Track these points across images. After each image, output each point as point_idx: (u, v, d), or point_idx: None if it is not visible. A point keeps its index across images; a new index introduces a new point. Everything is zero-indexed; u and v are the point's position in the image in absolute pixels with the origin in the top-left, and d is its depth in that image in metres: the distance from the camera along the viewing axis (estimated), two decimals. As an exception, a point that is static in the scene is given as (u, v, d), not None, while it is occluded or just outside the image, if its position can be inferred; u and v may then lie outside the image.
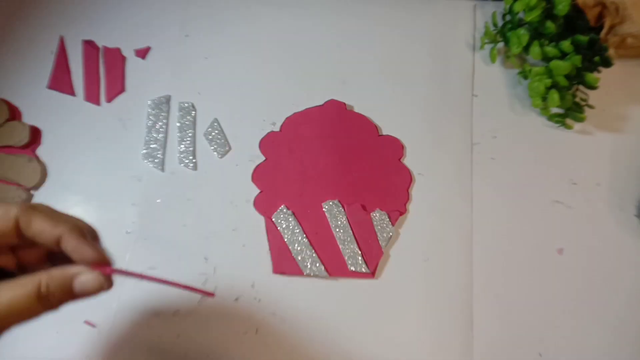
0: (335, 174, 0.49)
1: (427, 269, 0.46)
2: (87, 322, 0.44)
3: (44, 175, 0.49)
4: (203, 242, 0.47)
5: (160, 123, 0.51)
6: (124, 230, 0.47)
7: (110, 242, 0.47)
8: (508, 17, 0.52)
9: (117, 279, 0.46)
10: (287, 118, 0.51)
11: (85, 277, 0.27)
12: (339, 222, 0.47)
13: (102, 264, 0.29)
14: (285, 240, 0.46)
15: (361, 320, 0.45)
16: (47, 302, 0.26)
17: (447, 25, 0.55)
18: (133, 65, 0.53)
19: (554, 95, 0.47)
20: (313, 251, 0.46)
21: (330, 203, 0.47)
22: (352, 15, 0.55)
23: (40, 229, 0.27)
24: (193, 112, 0.51)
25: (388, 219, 0.47)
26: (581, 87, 0.50)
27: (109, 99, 0.52)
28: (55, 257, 0.30)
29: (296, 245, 0.46)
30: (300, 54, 0.54)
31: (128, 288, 0.45)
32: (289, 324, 0.45)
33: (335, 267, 0.46)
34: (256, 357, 0.43)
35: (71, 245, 0.28)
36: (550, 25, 0.48)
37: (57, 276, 0.26)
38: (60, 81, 0.52)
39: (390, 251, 0.47)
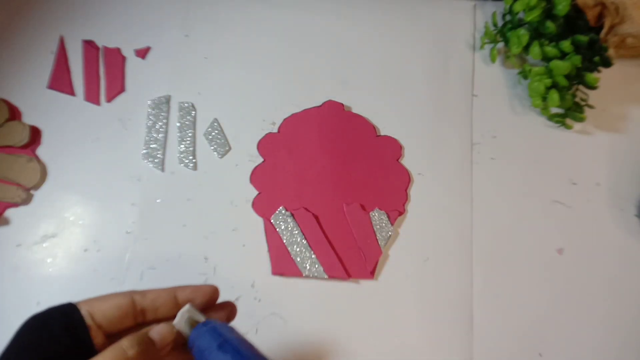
0: (334, 175, 0.49)
1: (427, 269, 0.46)
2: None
3: (43, 175, 0.49)
4: (203, 242, 0.47)
5: (160, 123, 0.51)
6: (124, 230, 0.47)
7: (110, 242, 0.47)
8: (508, 17, 0.52)
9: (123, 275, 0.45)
10: (285, 119, 0.51)
11: (157, 327, 0.28)
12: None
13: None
14: (284, 241, 0.46)
15: (361, 320, 0.45)
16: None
17: (447, 25, 0.55)
18: (133, 65, 0.53)
19: (554, 95, 0.47)
20: (312, 252, 0.46)
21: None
22: (351, 16, 0.55)
23: (156, 293, 0.29)
24: (193, 112, 0.51)
25: (387, 219, 0.47)
26: (581, 87, 0.50)
27: (109, 99, 0.52)
28: None
29: (295, 246, 0.46)
30: (299, 54, 0.53)
31: (128, 288, 0.45)
32: (289, 324, 0.45)
33: (334, 268, 0.46)
34: (256, 357, 0.43)
35: (190, 289, 0.30)
36: (550, 25, 0.48)
37: (134, 335, 0.27)
38: (60, 81, 0.52)
39: (389, 251, 0.47)
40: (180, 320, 0.28)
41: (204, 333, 0.27)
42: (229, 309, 0.31)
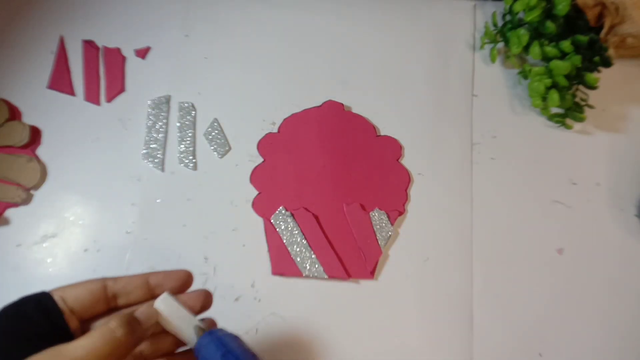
0: (334, 175, 0.49)
1: (427, 269, 0.46)
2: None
3: (44, 175, 0.49)
4: (203, 242, 0.47)
5: (160, 123, 0.51)
6: (124, 230, 0.47)
7: (110, 242, 0.47)
8: (508, 17, 0.52)
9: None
10: (285, 119, 0.51)
11: (142, 307, 0.28)
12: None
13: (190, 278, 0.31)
14: (284, 241, 0.46)
15: (361, 320, 0.45)
16: (120, 345, 0.25)
17: (447, 25, 0.55)
18: (133, 65, 0.53)
19: (554, 95, 0.47)
20: (312, 252, 0.46)
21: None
22: (351, 16, 0.55)
23: (128, 279, 0.30)
24: (193, 112, 0.51)
25: (387, 219, 0.47)
26: (581, 87, 0.50)
27: (109, 99, 0.52)
28: None
29: (295, 246, 0.46)
30: (299, 54, 0.53)
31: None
32: (289, 324, 0.45)
33: (334, 268, 0.46)
34: (256, 357, 0.43)
35: (162, 274, 0.30)
36: (550, 25, 0.48)
37: (120, 315, 0.26)
38: (60, 81, 0.52)
39: (389, 251, 0.47)
40: (160, 305, 0.28)
41: (208, 343, 0.28)
42: (204, 297, 0.31)
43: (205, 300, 0.31)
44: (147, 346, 0.29)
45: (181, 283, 0.30)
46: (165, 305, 0.28)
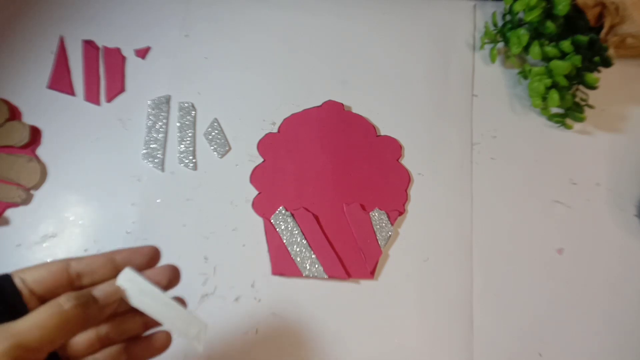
0: (334, 175, 0.49)
1: (427, 269, 0.46)
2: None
3: (44, 175, 0.49)
4: (203, 242, 0.47)
5: (160, 123, 0.51)
6: (124, 230, 0.47)
7: (110, 242, 0.47)
8: (508, 17, 0.52)
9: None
10: (285, 119, 0.51)
11: (101, 285, 0.27)
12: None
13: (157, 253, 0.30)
14: (284, 241, 0.46)
15: (361, 320, 0.45)
16: (68, 320, 0.24)
17: (447, 25, 0.55)
18: (133, 65, 0.53)
19: (554, 95, 0.47)
20: (312, 252, 0.46)
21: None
22: (351, 16, 0.55)
23: (92, 258, 0.28)
24: (193, 112, 0.51)
25: (387, 219, 0.47)
26: (581, 87, 0.50)
27: (109, 99, 0.52)
28: None
29: (295, 246, 0.46)
30: (299, 54, 0.53)
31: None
32: (289, 324, 0.45)
33: (334, 268, 0.46)
34: (256, 357, 0.43)
35: (128, 251, 0.29)
36: (550, 25, 0.48)
37: (72, 292, 0.26)
38: (60, 81, 0.52)
39: (389, 251, 0.47)
40: (123, 282, 0.27)
41: None
42: (170, 271, 0.30)
43: (172, 275, 0.30)
44: (112, 327, 0.28)
45: (148, 259, 0.29)
46: (130, 282, 0.27)
